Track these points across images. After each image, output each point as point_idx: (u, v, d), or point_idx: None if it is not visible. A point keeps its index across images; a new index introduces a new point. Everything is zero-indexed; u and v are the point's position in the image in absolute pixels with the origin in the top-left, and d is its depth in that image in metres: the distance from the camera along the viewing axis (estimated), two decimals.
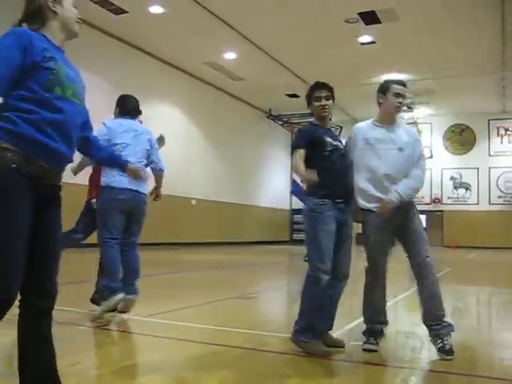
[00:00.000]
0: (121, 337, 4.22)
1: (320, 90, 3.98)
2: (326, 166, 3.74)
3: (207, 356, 3.65)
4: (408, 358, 3.71)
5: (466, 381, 3.21)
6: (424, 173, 3.98)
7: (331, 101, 4.02)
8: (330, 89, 4.03)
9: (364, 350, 3.76)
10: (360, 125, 4.10)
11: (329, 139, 3.85)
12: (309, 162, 3.74)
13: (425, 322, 3.76)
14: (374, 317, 3.88)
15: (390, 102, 3.90)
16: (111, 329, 4.39)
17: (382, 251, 3.83)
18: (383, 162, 3.81)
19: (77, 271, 7.70)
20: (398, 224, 3.80)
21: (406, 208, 3.81)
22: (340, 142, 3.97)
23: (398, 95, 3.89)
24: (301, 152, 3.77)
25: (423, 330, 3.85)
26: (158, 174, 5.07)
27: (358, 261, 4.27)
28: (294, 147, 3.85)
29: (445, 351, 3.57)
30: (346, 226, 3.81)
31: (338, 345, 3.82)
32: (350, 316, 4.89)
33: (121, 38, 16.32)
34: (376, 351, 3.72)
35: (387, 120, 3.95)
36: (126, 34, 16.08)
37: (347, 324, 4.63)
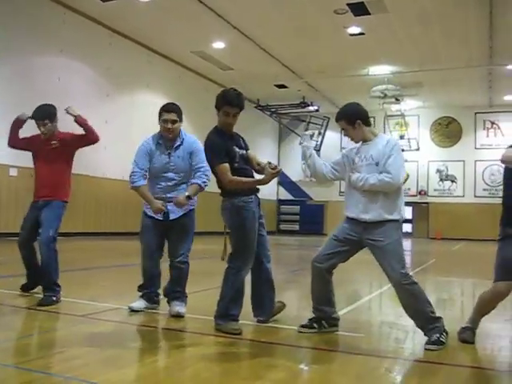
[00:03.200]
0: (105, 326, 4.22)
1: (232, 108, 4.16)
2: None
3: (191, 346, 3.67)
4: (391, 348, 3.75)
5: (449, 370, 3.25)
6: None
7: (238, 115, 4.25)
8: (241, 107, 4.23)
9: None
10: None
11: (236, 149, 4.16)
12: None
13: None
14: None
15: None
16: (100, 319, 4.38)
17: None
18: None
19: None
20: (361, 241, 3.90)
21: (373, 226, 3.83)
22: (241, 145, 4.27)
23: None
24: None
25: (407, 321, 3.89)
26: None
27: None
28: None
29: (429, 342, 3.64)
30: (262, 217, 4.28)
31: (280, 309, 4.44)
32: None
33: (107, 26, 16.13)
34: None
35: None
36: (113, 21, 15.90)
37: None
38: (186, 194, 4.45)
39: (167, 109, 4.59)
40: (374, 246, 3.82)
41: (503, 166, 3.78)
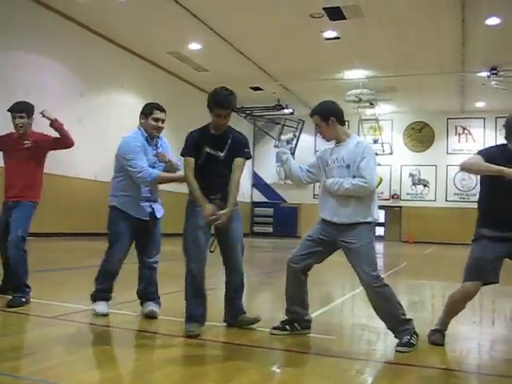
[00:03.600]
0: (76, 328, 4.17)
1: (222, 110, 4.04)
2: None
3: (162, 347, 3.65)
4: (363, 350, 3.78)
5: (419, 372, 3.29)
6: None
7: (229, 117, 4.13)
8: (230, 108, 4.11)
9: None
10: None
11: (207, 149, 4.07)
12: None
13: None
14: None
15: None
16: (71, 320, 4.33)
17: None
18: None
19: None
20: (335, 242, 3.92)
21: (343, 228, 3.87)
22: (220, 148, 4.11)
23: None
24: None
25: (378, 323, 3.92)
26: None
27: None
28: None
29: (400, 344, 3.68)
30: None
31: (253, 321, 4.16)
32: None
33: (82, 24, 15.94)
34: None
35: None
36: (88, 19, 15.73)
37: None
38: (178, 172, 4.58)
39: (160, 107, 4.61)
40: (346, 248, 3.85)
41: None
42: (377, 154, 17.20)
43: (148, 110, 4.56)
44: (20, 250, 4.88)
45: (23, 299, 4.77)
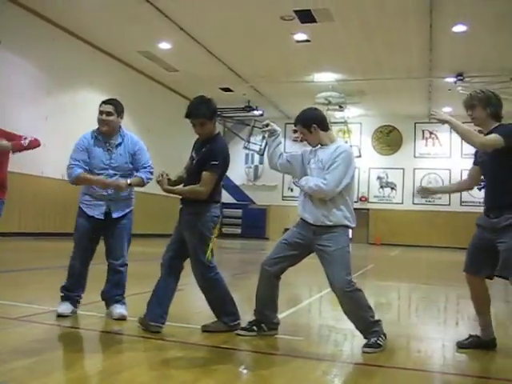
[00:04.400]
0: (39, 329, 4.10)
1: (193, 119, 4.25)
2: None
3: (128, 349, 3.61)
4: (330, 351, 3.81)
5: (385, 372, 3.33)
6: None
7: (207, 124, 4.30)
8: (202, 116, 4.27)
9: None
10: None
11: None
12: None
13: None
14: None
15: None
16: (35, 321, 4.25)
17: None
18: None
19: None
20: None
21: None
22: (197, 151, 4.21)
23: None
24: None
25: (346, 324, 3.96)
26: None
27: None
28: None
29: (366, 345, 3.72)
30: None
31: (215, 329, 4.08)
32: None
33: (49, 19, 15.65)
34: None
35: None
36: (55, 15, 15.46)
37: None
38: (128, 181, 4.40)
39: (105, 101, 4.57)
40: (322, 252, 3.86)
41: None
42: None
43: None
44: None
45: None
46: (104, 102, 4.55)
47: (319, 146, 4.03)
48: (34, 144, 5.13)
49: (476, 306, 3.96)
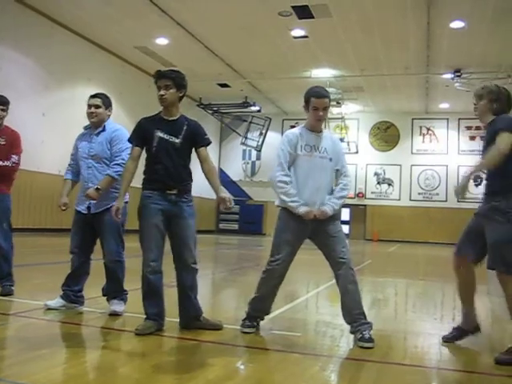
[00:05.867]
0: (37, 325, 4.10)
1: (159, 80, 4.00)
2: (152, 161, 3.92)
3: (126, 345, 3.62)
4: (327, 347, 3.81)
5: (381, 367, 3.33)
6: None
7: (172, 90, 3.99)
8: (169, 78, 3.99)
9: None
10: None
11: (159, 133, 3.91)
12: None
13: (345, 321, 3.93)
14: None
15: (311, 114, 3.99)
16: (32, 317, 4.25)
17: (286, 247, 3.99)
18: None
19: None
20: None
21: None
22: (176, 133, 3.94)
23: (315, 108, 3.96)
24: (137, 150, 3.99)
25: (342, 320, 3.96)
26: None
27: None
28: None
29: (364, 339, 3.71)
30: (179, 217, 3.91)
31: (216, 327, 4.01)
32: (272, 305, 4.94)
33: (47, 15, 15.64)
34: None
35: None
36: (53, 10, 15.43)
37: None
38: (97, 186, 4.38)
39: (93, 95, 4.67)
40: (326, 234, 3.91)
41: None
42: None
43: None
44: None
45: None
46: (92, 96, 4.65)
47: (303, 128, 4.04)
48: (10, 169, 5.12)
49: (460, 293, 3.98)
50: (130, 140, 4.06)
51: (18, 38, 14.64)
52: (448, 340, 3.95)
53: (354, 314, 3.84)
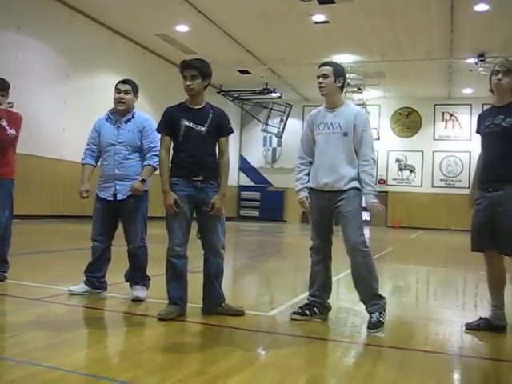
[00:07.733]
0: (61, 310, 4.16)
1: (185, 70, 3.96)
2: (179, 149, 3.97)
3: (149, 330, 3.66)
4: (348, 333, 3.81)
5: (402, 354, 3.33)
6: None
7: (198, 80, 3.95)
8: (195, 68, 3.95)
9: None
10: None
11: (185, 122, 3.92)
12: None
13: (360, 300, 3.96)
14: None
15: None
16: (56, 302, 4.32)
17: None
18: None
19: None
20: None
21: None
22: (202, 122, 3.95)
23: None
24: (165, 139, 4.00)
25: (363, 307, 3.96)
26: None
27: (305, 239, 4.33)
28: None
29: (370, 326, 3.75)
30: (205, 203, 3.94)
31: (238, 313, 4.02)
32: (293, 292, 4.96)
33: (68, 4, 15.71)
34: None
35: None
36: (75, 0, 15.51)
37: (290, 299, 4.72)
38: (140, 178, 4.41)
39: (122, 80, 4.66)
40: (339, 213, 3.95)
41: None
42: None
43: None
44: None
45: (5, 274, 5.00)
46: (121, 82, 4.63)
47: (324, 107, 4.05)
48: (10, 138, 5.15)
49: (490, 284, 3.95)
50: (158, 129, 4.07)
51: (39, 26, 14.73)
52: (472, 328, 3.91)
53: (364, 295, 3.89)
